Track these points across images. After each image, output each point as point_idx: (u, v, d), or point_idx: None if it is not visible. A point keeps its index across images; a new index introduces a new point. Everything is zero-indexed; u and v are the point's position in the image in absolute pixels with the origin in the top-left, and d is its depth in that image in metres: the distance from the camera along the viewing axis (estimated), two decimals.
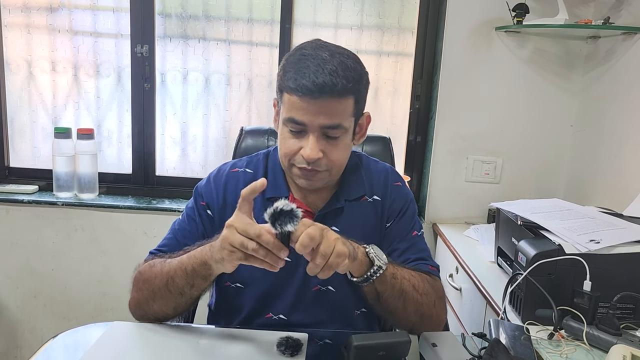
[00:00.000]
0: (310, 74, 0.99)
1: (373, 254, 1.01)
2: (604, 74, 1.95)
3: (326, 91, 0.99)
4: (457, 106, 2.09)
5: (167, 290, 1.03)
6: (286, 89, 1.03)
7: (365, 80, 1.08)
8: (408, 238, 1.19)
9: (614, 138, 1.86)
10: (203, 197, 1.18)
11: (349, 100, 1.04)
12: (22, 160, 2.26)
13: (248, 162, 1.21)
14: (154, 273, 1.05)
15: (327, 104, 1.01)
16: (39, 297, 2.22)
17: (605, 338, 1.04)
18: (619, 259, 1.17)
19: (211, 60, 2.19)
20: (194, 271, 0.99)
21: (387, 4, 2.15)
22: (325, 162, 1.06)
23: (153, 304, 1.06)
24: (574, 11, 1.95)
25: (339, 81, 1.00)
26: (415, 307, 1.07)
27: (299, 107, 1.02)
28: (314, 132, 1.03)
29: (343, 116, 1.04)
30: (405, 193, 1.23)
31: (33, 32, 2.16)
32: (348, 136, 1.09)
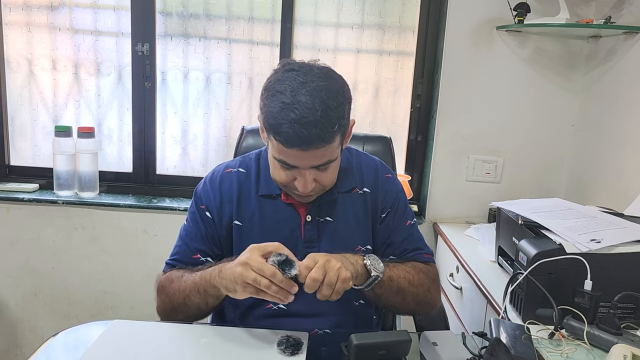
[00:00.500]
0: (296, 128, 0.98)
1: (370, 266, 1.06)
2: (605, 73, 1.95)
3: (314, 144, 1.00)
4: (458, 106, 2.09)
5: (186, 305, 1.11)
6: (272, 136, 1.04)
7: (347, 105, 1.07)
8: (403, 229, 1.24)
9: (614, 138, 1.86)
10: (202, 201, 1.21)
11: (336, 140, 1.05)
12: (23, 159, 2.26)
13: (241, 162, 1.25)
14: (173, 290, 1.13)
15: (316, 152, 1.03)
16: (40, 296, 2.22)
17: (606, 337, 1.04)
18: (619, 259, 1.17)
19: (212, 59, 2.19)
20: (206, 292, 1.07)
21: (388, 3, 2.15)
22: (318, 187, 1.11)
23: (177, 314, 1.14)
24: (575, 10, 1.95)
25: (325, 132, 1.00)
26: (412, 298, 1.15)
27: (288, 155, 1.04)
28: (305, 171, 1.06)
29: (332, 153, 1.07)
30: (396, 184, 1.28)
31: (34, 30, 2.16)
32: (338, 159, 1.12)
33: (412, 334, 1.00)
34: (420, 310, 1.23)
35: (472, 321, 1.63)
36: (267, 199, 1.19)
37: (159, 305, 1.17)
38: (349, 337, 0.93)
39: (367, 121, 2.24)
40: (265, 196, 1.19)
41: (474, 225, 2.02)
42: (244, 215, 1.18)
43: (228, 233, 1.19)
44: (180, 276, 1.13)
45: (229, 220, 1.19)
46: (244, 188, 1.20)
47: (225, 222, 1.19)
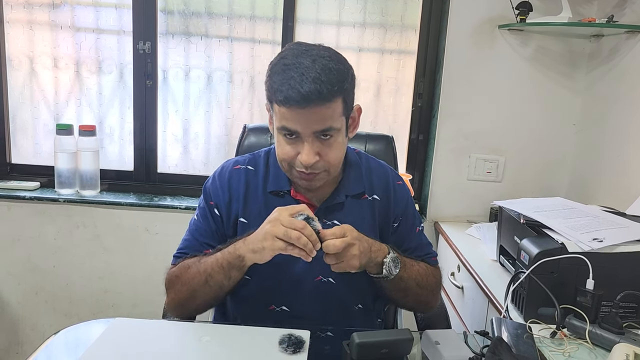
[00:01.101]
0: (295, 85, 1.01)
1: (386, 267, 1.10)
2: (607, 72, 1.94)
3: (313, 99, 1.01)
4: (460, 104, 2.09)
5: (208, 286, 1.09)
6: (275, 101, 1.06)
7: (350, 76, 1.09)
8: (415, 236, 1.26)
9: (617, 137, 1.86)
10: (211, 197, 1.21)
11: (337, 103, 1.05)
12: (24, 157, 2.26)
13: (250, 159, 1.24)
14: (191, 274, 1.11)
15: (316, 111, 1.03)
16: (41, 294, 2.22)
17: (608, 337, 1.04)
18: (622, 258, 1.17)
19: (213, 57, 2.19)
20: (229, 264, 1.06)
21: (390, 2, 2.15)
22: (322, 164, 1.09)
23: (195, 301, 1.13)
24: (577, 9, 1.95)
25: (324, 87, 1.01)
26: (414, 297, 1.19)
27: (289, 117, 1.05)
28: (307, 138, 1.06)
29: (333, 118, 1.06)
30: (406, 192, 1.29)
31: (35, 28, 2.16)
32: (341, 134, 1.11)
33: (414, 332, 1.00)
34: (417, 309, 1.29)
35: (473, 320, 1.63)
36: (275, 196, 1.18)
37: (173, 298, 1.16)
38: (351, 336, 0.93)
39: (369, 120, 2.23)
40: (273, 193, 1.19)
41: (475, 224, 2.02)
42: (250, 212, 1.18)
43: (233, 230, 1.19)
44: (198, 260, 1.12)
45: (235, 217, 1.18)
46: (252, 185, 1.19)
47: (232, 219, 1.18)
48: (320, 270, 1.15)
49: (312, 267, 1.14)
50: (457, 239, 1.91)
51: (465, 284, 1.73)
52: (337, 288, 1.17)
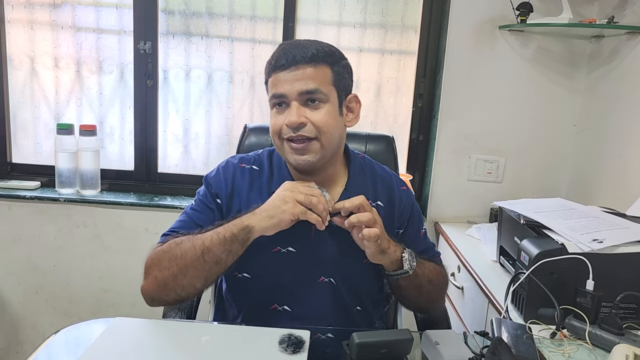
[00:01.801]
0: (286, 52, 1.09)
1: (406, 260, 1.13)
2: (607, 73, 1.95)
3: (298, 60, 1.08)
4: (460, 105, 2.09)
5: (203, 260, 1.05)
6: (268, 74, 1.12)
7: (342, 60, 1.14)
8: (420, 240, 1.27)
9: (617, 138, 1.86)
10: (213, 187, 1.20)
11: (324, 69, 1.10)
12: (25, 156, 2.27)
13: (255, 159, 1.24)
14: (184, 249, 1.07)
15: (302, 71, 1.08)
16: (41, 293, 2.22)
17: (608, 337, 1.04)
18: (622, 259, 1.17)
19: (214, 57, 2.19)
20: (233, 237, 1.05)
21: (390, 2, 2.15)
22: (310, 128, 1.09)
23: (183, 279, 1.07)
24: (578, 10, 1.95)
25: (310, 50, 1.09)
26: (426, 296, 1.20)
27: (277, 82, 1.09)
28: (295, 101, 1.09)
29: (321, 82, 1.09)
30: (410, 196, 1.29)
31: (36, 28, 2.16)
32: (331, 106, 1.12)
33: (414, 332, 1.00)
34: (428, 307, 1.29)
35: (473, 321, 1.63)
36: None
37: (156, 276, 1.09)
38: (351, 336, 0.93)
39: (369, 120, 2.23)
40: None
41: (475, 224, 2.02)
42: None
43: None
44: (191, 236, 1.09)
45: (237, 211, 1.16)
46: (255, 185, 1.19)
47: (232, 213, 1.17)
48: (322, 271, 1.16)
49: (315, 267, 1.15)
50: (457, 239, 1.91)
51: (465, 284, 1.73)
52: (338, 289, 1.17)
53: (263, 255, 1.15)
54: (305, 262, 1.15)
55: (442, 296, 1.28)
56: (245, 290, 1.18)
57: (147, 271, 1.12)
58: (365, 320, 1.23)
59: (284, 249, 1.15)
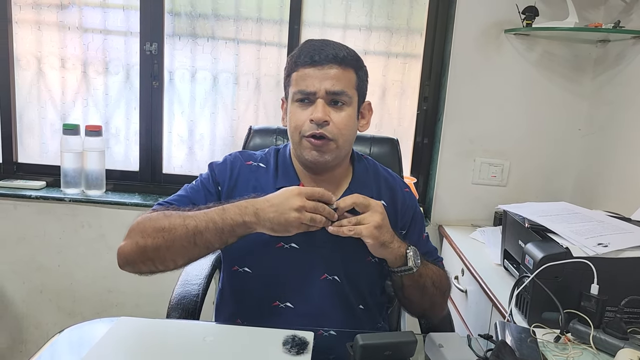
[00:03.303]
0: (316, 49, 1.12)
1: (410, 258, 1.11)
2: (613, 77, 1.94)
3: (330, 59, 1.10)
4: (465, 108, 2.09)
5: (193, 242, 1.04)
6: (294, 68, 1.13)
7: (364, 67, 1.18)
8: (422, 243, 1.26)
9: (622, 142, 1.85)
10: (216, 175, 1.21)
11: (351, 73, 1.14)
12: (30, 156, 2.28)
13: (262, 157, 1.25)
14: (173, 224, 1.05)
15: (332, 71, 1.11)
16: (45, 293, 2.23)
17: (612, 342, 1.04)
18: (626, 263, 1.16)
19: (219, 59, 2.20)
20: (231, 231, 1.04)
21: (396, 6, 2.15)
22: (331, 129, 1.11)
23: (166, 252, 1.05)
24: (584, 14, 1.95)
25: (342, 52, 1.12)
26: (430, 299, 1.18)
27: (306, 77, 1.11)
28: (321, 98, 1.11)
29: (347, 85, 1.12)
30: (413, 199, 1.30)
31: (43, 28, 2.18)
32: (352, 109, 1.15)
33: (418, 335, 1.00)
34: (431, 312, 1.25)
35: (477, 324, 1.62)
36: None
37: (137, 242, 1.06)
38: (355, 337, 0.93)
39: (374, 123, 2.21)
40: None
41: (479, 228, 2.02)
42: None
43: None
44: (182, 213, 1.07)
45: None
46: (261, 181, 1.19)
47: None
48: (326, 268, 1.16)
49: (318, 265, 1.15)
50: (461, 242, 1.91)
51: (469, 287, 1.72)
52: (342, 287, 1.17)
53: (266, 250, 1.15)
54: (309, 259, 1.15)
55: (445, 301, 1.26)
56: (246, 285, 1.18)
57: (130, 234, 1.09)
58: (369, 319, 1.23)
59: (287, 245, 1.15)
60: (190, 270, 1.42)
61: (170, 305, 1.33)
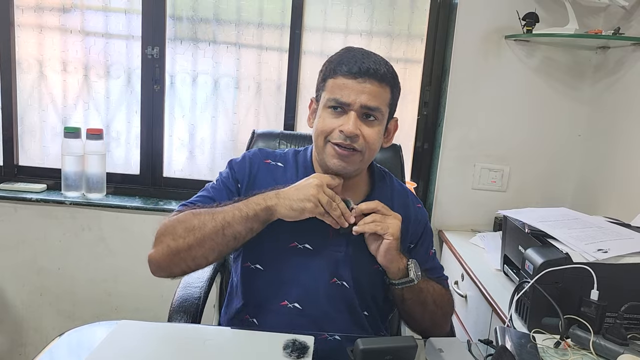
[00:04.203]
0: (357, 60, 1.10)
1: (411, 269, 1.13)
2: (613, 84, 1.95)
3: (371, 74, 1.09)
4: (465, 113, 2.09)
5: (223, 234, 1.07)
6: (332, 75, 1.12)
7: (399, 85, 1.18)
8: (428, 259, 1.27)
9: (622, 148, 1.86)
10: (236, 172, 1.22)
11: (387, 90, 1.13)
12: (31, 159, 2.28)
13: (281, 156, 1.26)
14: (202, 220, 1.08)
15: (370, 85, 1.10)
16: (45, 296, 2.23)
17: (612, 348, 1.04)
18: (626, 269, 1.17)
19: (221, 63, 2.21)
20: (255, 215, 1.07)
21: (396, 11, 2.16)
22: (361, 141, 1.11)
23: (198, 250, 1.08)
24: (584, 21, 1.95)
25: (382, 68, 1.11)
26: (430, 316, 1.19)
27: (343, 87, 1.10)
28: (354, 111, 1.10)
29: (382, 102, 1.12)
30: (424, 215, 1.31)
31: (45, 32, 2.19)
32: (382, 125, 1.15)
33: (418, 340, 1.00)
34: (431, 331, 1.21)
35: (476, 329, 1.63)
36: None
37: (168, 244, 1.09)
38: (355, 342, 0.93)
39: None
40: None
41: (479, 233, 2.02)
42: None
43: None
44: (210, 209, 1.11)
45: None
46: (279, 181, 1.19)
47: None
48: (336, 273, 1.16)
49: (329, 268, 1.16)
50: (462, 247, 1.92)
51: (469, 292, 1.72)
52: (350, 292, 1.17)
53: (279, 248, 1.16)
54: (321, 261, 1.16)
55: (447, 322, 1.25)
56: (256, 282, 1.18)
57: (159, 239, 1.12)
58: (372, 326, 1.23)
59: (301, 245, 1.15)
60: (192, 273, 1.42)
61: (172, 308, 1.34)
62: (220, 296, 1.56)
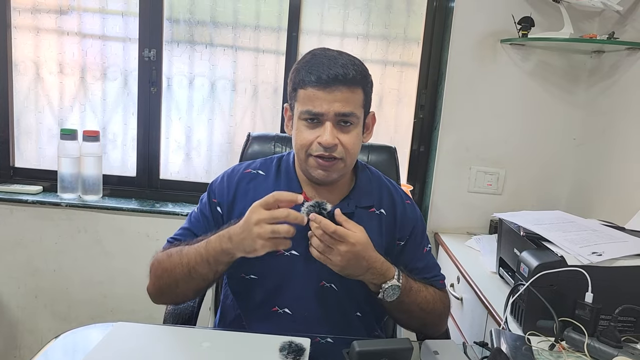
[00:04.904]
0: (324, 68, 1.08)
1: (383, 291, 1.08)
2: (607, 88, 1.96)
3: (339, 80, 1.07)
4: (461, 117, 2.10)
5: (191, 277, 1.10)
6: (301, 85, 1.10)
7: (370, 79, 1.16)
8: (421, 257, 1.26)
9: (616, 152, 1.87)
10: (215, 195, 1.22)
11: (359, 92, 1.11)
12: (27, 161, 2.28)
13: (261, 164, 1.26)
14: (173, 263, 1.12)
15: (341, 93, 1.08)
16: (40, 297, 2.22)
17: (606, 350, 1.05)
18: (620, 272, 1.17)
19: (217, 65, 2.21)
20: (216, 261, 1.07)
21: (393, 15, 2.17)
22: (340, 150, 1.11)
23: (176, 289, 1.13)
24: (579, 25, 1.97)
25: (350, 72, 1.08)
26: (418, 320, 1.19)
27: (314, 98, 1.08)
28: (329, 120, 1.09)
29: (355, 105, 1.11)
30: (415, 212, 1.28)
31: (42, 34, 2.18)
32: (359, 127, 1.14)
33: (414, 342, 1.00)
34: (422, 331, 1.23)
35: (472, 331, 1.63)
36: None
37: (154, 282, 1.17)
38: (351, 344, 0.94)
39: None
40: None
41: (475, 236, 2.03)
42: None
43: None
44: (180, 250, 1.13)
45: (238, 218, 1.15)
46: (261, 189, 1.19)
47: (233, 219, 1.16)
48: (324, 276, 1.16)
49: (316, 272, 1.15)
50: (457, 250, 1.92)
51: (464, 295, 1.73)
52: (339, 294, 1.18)
53: (266, 257, 1.15)
54: (309, 266, 1.15)
55: (442, 322, 1.23)
56: (249, 290, 1.19)
57: (150, 274, 1.19)
58: (366, 326, 1.23)
59: (287, 252, 1.16)
60: None
61: (167, 311, 1.34)
62: (215, 299, 1.56)
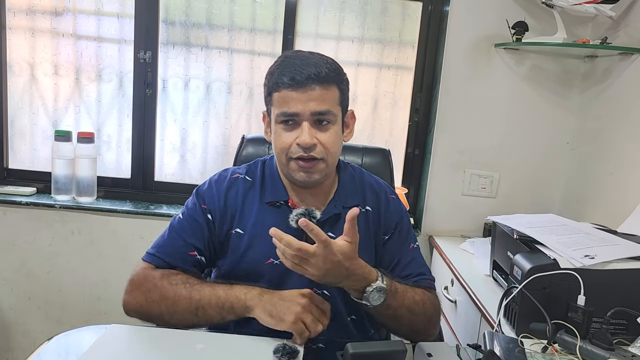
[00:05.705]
0: (297, 69, 1.08)
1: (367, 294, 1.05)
2: (600, 92, 1.98)
3: (312, 79, 1.07)
4: (456, 120, 2.12)
5: (195, 315, 1.08)
6: (275, 88, 1.10)
7: (345, 77, 1.16)
8: (407, 252, 1.24)
9: (609, 156, 1.89)
10: (205, 201, 1.20)
11: (334, 89, 1.11)
12: (21, 162, 2.27)
13: (247, 169, 1.25)
14: (177, 294, 1.09)
15: (315, 91, 1.08)
16: (33, 300, 2.21)
17: (599, 353, 1.05)
18: (613, 275, 1.18)
19: (213, 68, 2.21)
20: (231, 309, 1.06)
21: (388, 18, 2.18)
22: (320, 149, 1.11)
23: (169, 319, 1.09)
24: (572, 30, 1.99)
25: (323, 70, 1.09)
26: (407, 326, 1.15)
27: (289, 100, 1.08)
28: (306, 120, 1.09)
29: (331, 103, 1.11)
30: (399, 206, 1.28)
31: (37, 35, 2.18)
32: (338, 126, 1.14)
33: (407, 344, 1.01)
34: (415, 337, 1.16)
35: (465, 334, 1.64)
36: (272, 207, 1.18)
37: (138, 301, 1.11)
38: (345, 346, 0.94)
39: (366, 133, 2.26)
40: (270, 204, 1.18)
41: (469, 239, 2.04)
42: (246, 223, 1.18)
43: (226, 239, 1.18)
44: (188, 282, 1.10)
45: (229, 227, 1.18)
46: (249, 196, 1.19)
47: (225, 228, 1.18)
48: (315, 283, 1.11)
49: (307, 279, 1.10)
50: (451, 253, 1.93)
51: (458, 297, 1.74)
52: (333, 299, 1.17)
53: (257, 266, 1.15)
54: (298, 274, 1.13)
55: (432, 326, 1.19)
56: None
57: (132, 289, 1.13)
58: (360, 329, 1.23)
59: (277, 261, 1.14)
60: None
61: None
62: None
